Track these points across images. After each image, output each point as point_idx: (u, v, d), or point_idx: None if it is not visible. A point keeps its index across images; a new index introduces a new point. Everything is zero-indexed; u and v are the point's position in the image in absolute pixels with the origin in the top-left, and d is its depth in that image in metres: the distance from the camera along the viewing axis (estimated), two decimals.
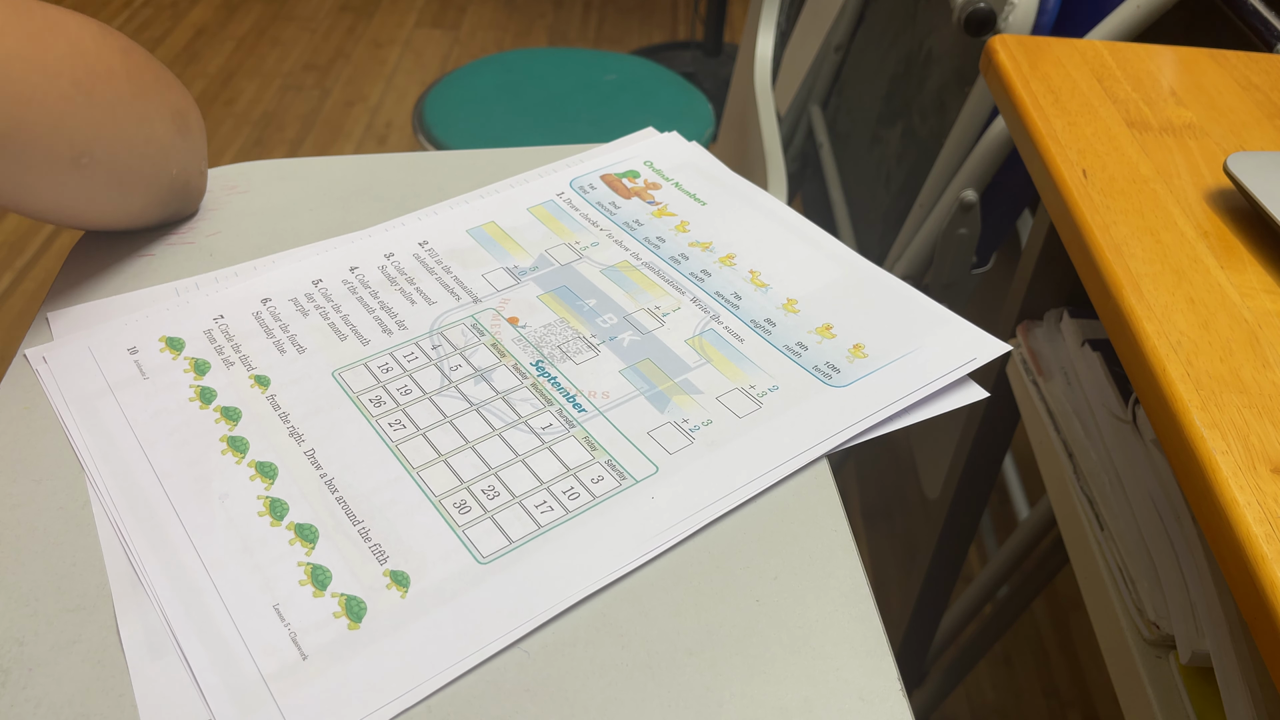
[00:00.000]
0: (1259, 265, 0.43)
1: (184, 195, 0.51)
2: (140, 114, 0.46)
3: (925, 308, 0.47)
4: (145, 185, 0.47)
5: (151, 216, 0.50)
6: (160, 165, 0.48)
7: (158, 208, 0.49)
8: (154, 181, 0.48)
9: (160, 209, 0.50)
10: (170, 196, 0.50)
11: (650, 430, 0.41)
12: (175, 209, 0.51)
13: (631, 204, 0.54)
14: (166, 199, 0.49)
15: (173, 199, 0.50)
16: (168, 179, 0.48)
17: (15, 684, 0.32)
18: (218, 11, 2.46)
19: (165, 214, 0.51)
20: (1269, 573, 0.31)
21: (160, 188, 0.48)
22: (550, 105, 1.23)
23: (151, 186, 0.48)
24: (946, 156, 0.95)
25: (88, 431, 0.40)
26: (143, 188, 0.47)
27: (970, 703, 1.15)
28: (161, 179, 0.48)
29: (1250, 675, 0.43)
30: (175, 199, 0.50)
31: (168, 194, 0.49)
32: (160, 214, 0.50)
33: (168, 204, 0.50)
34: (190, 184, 0.51)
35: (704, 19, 2.12)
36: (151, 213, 0.50)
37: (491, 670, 0.33)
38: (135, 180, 0.47)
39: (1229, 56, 0.59)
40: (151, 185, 0.48)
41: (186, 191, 0.51)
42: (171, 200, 0.50)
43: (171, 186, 0.49)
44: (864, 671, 0.34)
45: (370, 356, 0.44)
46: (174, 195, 0.50)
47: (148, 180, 0.47)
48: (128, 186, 0.47)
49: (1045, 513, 0.83)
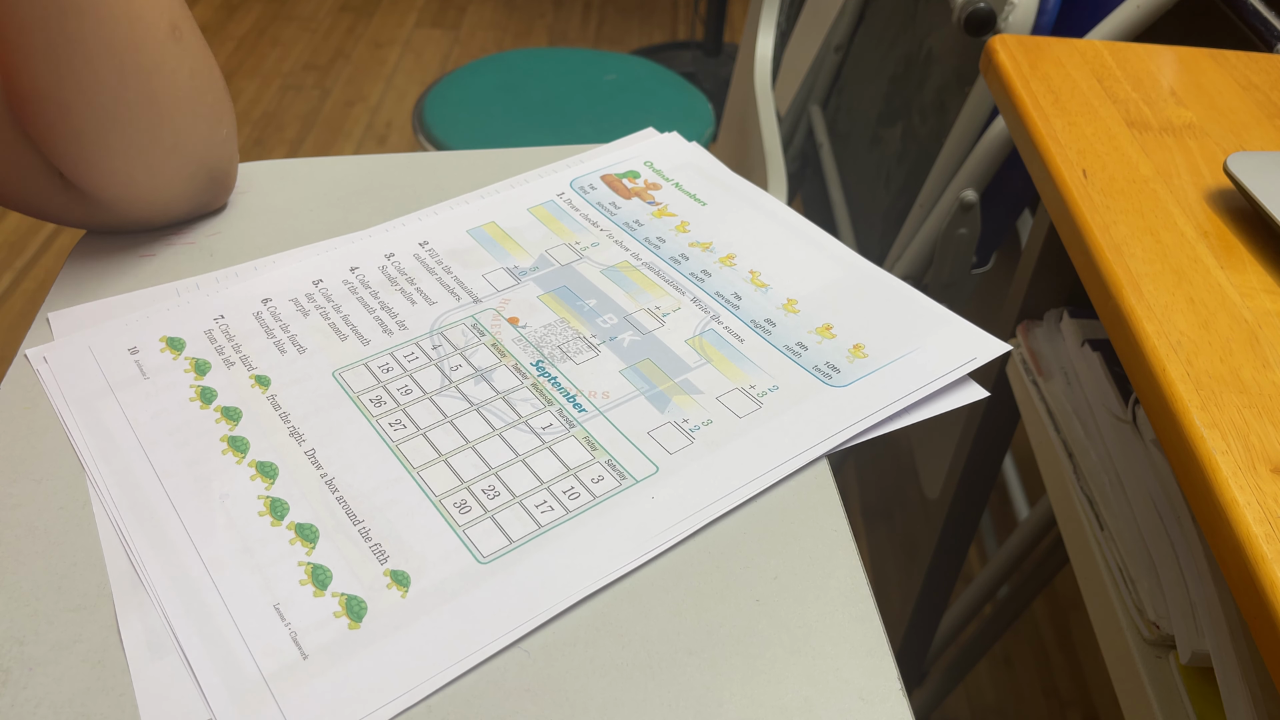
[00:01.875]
0: (1259, 265, 0.43)
1: (223, 179, 0.51)
2: (210, 60, 0.48)
3: (925, 308, 0.47)
4: (203, 133, 0.48)
5: (193, 194, 0.50)
6: (216, 115, 0.49)
7: (204, 177, 0.50)
8: (209, 134, 0.49)
9: (203, 182, 0.50)
10: (214, 171, 0.50)
11: (650, 430, 0.41)
12: (211, 194, 0.51)
13: (632, 204, 0.54)
14: (211, 169, 0.50)
15: (211, 182, 0.50)
16: (221, 137, 0.49)
17: (15, 684, 0.32)
18: (218, 11, 2.46)
19: (202, 196, 0.51)
20: (1269, 573, 0.31)
21: (213, 146, 0.49)
22: (550, 105, 1.23)
23: (206, 138, 0.48)
24: (946, 156, 0.95)
25: (88, 431, 0.40)
26: (201, 135, 0.48)
27: (970, 703, 1.15)
28: (215, 135, 0.49)
29: (1250, 675, 0.43)
30: (213, 182, 0.50)
31: (214, 163, 0.50)
32: (196, 193, 0.50)
33: (207, 183, 0.50)
34: (231, 165, 0.51)
35: (704, 19, 2.13)
36: (195, 187, 0.50)
37: (491, 670, 0.33)
38: (197, 126, 0.48)
39: (1229, 56, 0.59)
40: (206, 137, 0.48)
41: (226, 173, 0.51)
42: (210, 183, 0.50)
43: (221, 151, 0.50)
44: (864, 671, 0.34)
45: (371, 356, 0.44)
46: (214, 173, 0.50)
47: (206, 127, 0.48)
48: (193, 123, 0.47)
49: (1045, 513, 0.83)
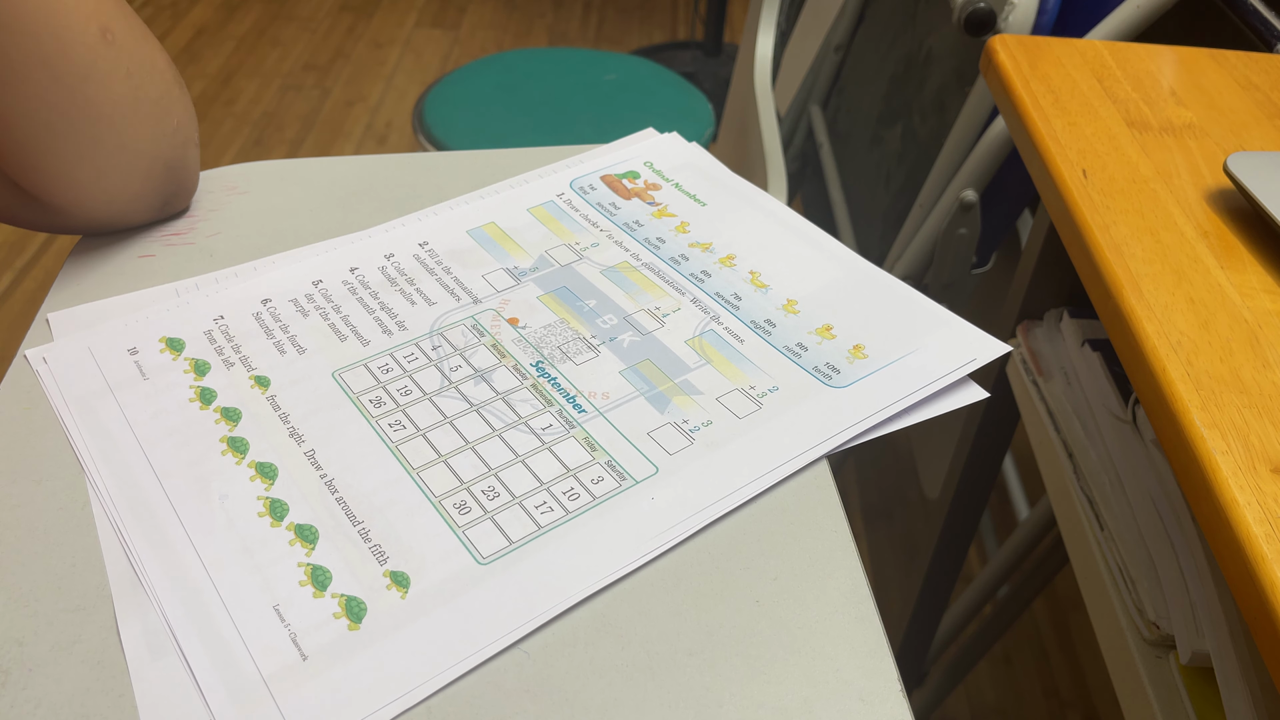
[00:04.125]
0: (1259, 265, 0.43)
1: (181, 171, 0.50)
2: (149, 56, 0.47)
3: (925, 308, 0.47)
4: (149, 129, 0.48)
5: (150, 192, 0.49)
6: (162, 110, 0.48)
7: (160, 171, 0.49)
8: (156, 128, 0.48)
9: (160, 178, 0.49)
10: (169, 167, 0.49)
11: (650, 431, 0.41)
12: (172, 190, 0.50)
13: (631, 205, 0.54)
14: (167, 162, 0.49)
15: (169, 175, 0.50)
16: (170, 130, 0.49)
17: (15, 684, 0.32)
18: (218, 11, 2.46)
19: (163, 193, 0.50)
20: (1269, 573, 0.31)
21: (161, 137, 0.49)
22: (550, 105, 1.23)
23: (152, 134, 0.48)
24: (946, 156, 0.95)
25: (88, 432, 0.40)
26: (146, 131, 0.48)
27: (970, 703, 1.15)
28: (164, 128, 0.49)
29: (1250, 675, 0.43)
30: (171, 173, 0.50)
31: (168, 156, 0.49)
32: (157, 188, 0.50)
33: (165, 178, 0.50)
34: (188, 158, 0.51)
35: (704, 19, 2.13)
36: (151, 186, 0.49)
37: (491, 670, 0.33)
38: (141, 124, 0.47)
39: (1229, 56, 0.59)
40: (152, 133, 0.48)
41: (184, 166, 0.51)
42: (168, 177, 0.50)
43: (172, 144, 0.49)
44: (864, 672, 0.34)
45: (370, 357, 0.44)
46: (170, 165, 0.49)
47: (151, 123, 0.48)
48: (135, 128, 0.47)
49: (1045, 513, 0.83)
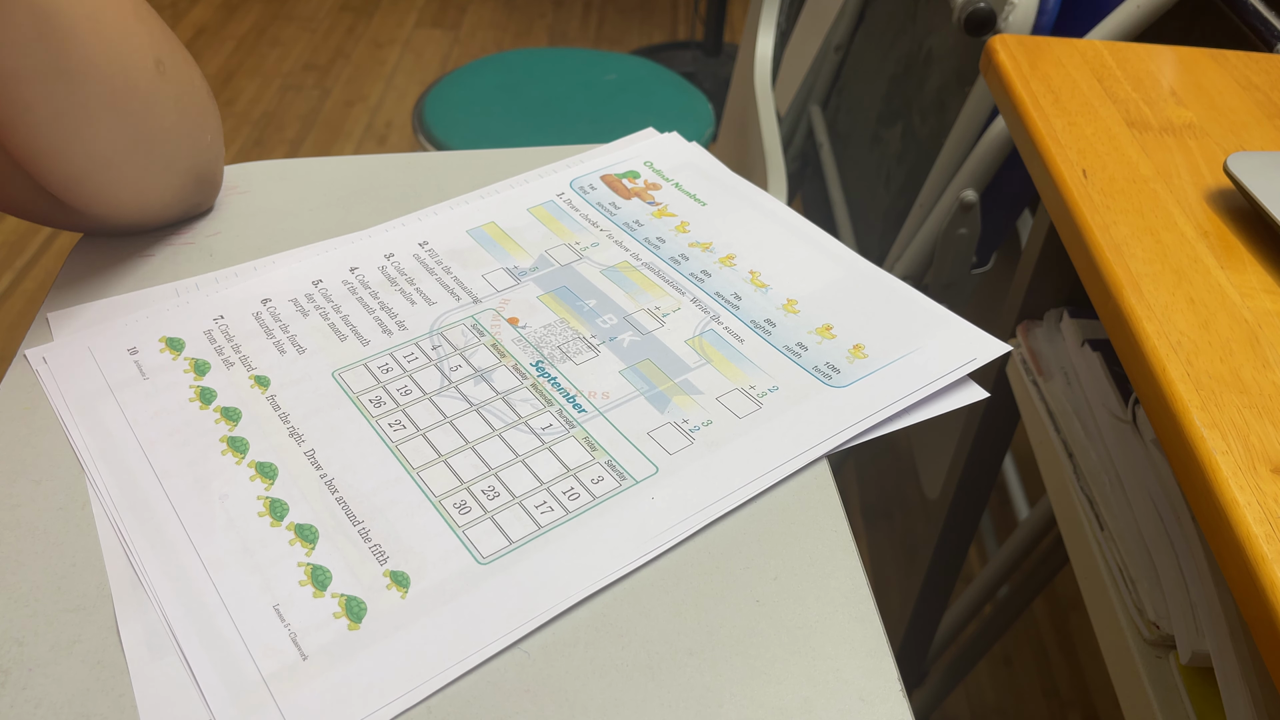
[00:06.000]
0: (1259, 265, 0.43)
1: (209, 181, 0.51)
2: (191, 79, 0.48)
3: (925, 308, 0.47)
4: (188, 146, 0.48)
5: (181, 201, 0.50)
6: (200, 127, 0.49)
7: (191, 182, 0.50)
8: (194, 145, 0.49)
9: (190, 187, 0.50)
10: (200, 178, 0.50)
11: (650, 431, 0.41)
12: (199, 199, 0.51)
13: (631, 204, 0.54)
14: (198, 174, 0.50)
15: (199, 184, 0.50)
16: (205, 145, 0.50)
17: (15, 684, 0.32)
18: (218, 11, 2.46)
19: (192, 200, 0.51)
20: (1269, 573, 0.31)
21: (198, 153, 0.49)
22: (550, 105, 1.23)
23: (191, 151, 0.49)
24: (946, 156, 0.95)
25: (88, 432, 0.40)
26: (186, 148, 0.48)
27: (970, 703, 1.15)
28: (200, 144, 0.49)
29: (1250, 675, 0.43)
30: (200, 183, 0.50)
31: (200, 168, 0.50)
32: (185, 197, 0.50)
33: (195, 187, 0.50)
34: (216, 168, 0.52)
35: (704, 19, 2.13)
36: (183, 195, 0.50)
37: (491, 670, 0.33)
38: (182, 143, 0.48)
39: (1229, 56, 0.59)
40: (191, 149, 0.49)
41: (213, 175, 0.51)
42: (198, 186, 0.50)
43: (206, 158, 0.50)
44: (864, 672, 0.34)
45: (370, 357, 0.44)
46: (201, 178, 0.50)
47: (190, 141, 0.48)
48: (175, 139, 0.48)
49: (1045, 513, 0.83)
